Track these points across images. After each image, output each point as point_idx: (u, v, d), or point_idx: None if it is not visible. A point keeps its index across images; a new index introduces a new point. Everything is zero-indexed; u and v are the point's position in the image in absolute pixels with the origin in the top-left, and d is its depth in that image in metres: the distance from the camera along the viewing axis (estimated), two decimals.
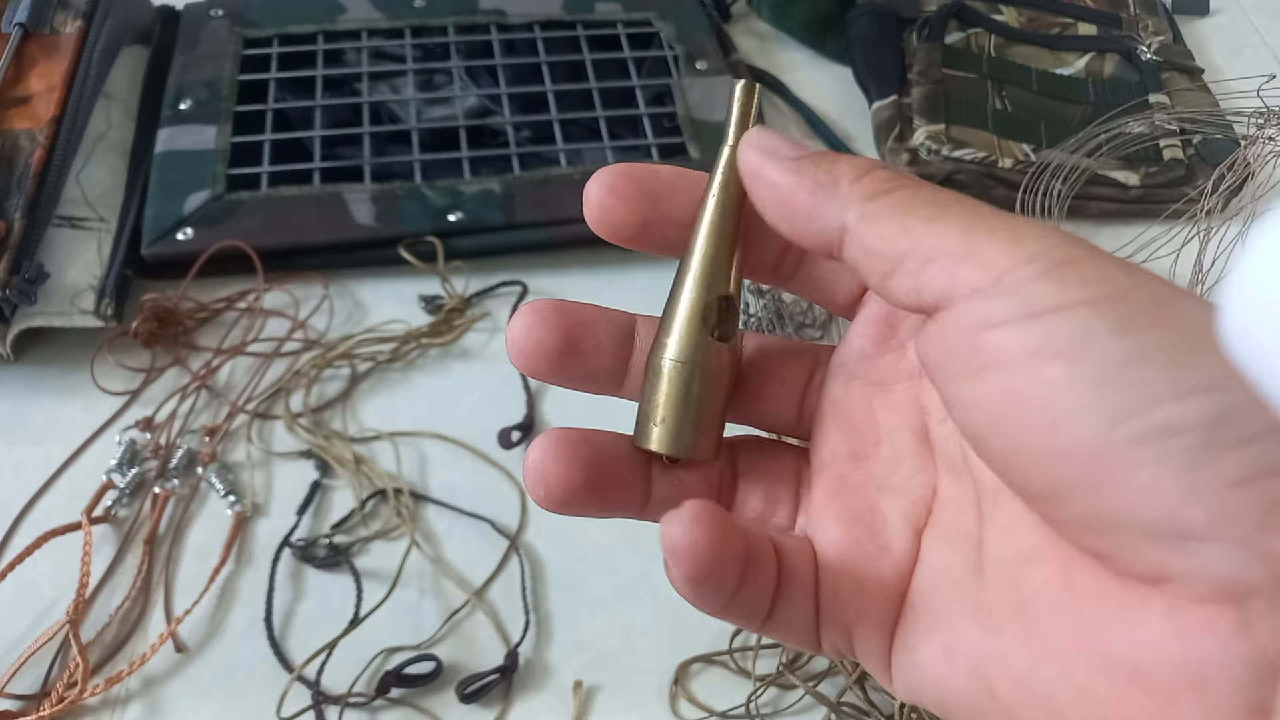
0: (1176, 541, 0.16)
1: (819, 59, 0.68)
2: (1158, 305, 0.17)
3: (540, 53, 0.62)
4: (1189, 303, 0.17)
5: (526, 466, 0.22)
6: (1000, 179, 0.57)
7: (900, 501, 0.21)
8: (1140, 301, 0.16)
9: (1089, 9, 0.69)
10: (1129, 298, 0.17)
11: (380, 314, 0.51)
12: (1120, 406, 0.16)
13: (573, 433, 0.22)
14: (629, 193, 0.22)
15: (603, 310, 0.23)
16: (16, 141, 0.50)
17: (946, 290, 0.18)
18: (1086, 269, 0.17)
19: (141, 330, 0.47)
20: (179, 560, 0.42)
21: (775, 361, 0.24)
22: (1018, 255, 0.17)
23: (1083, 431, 0.16)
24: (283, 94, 0.58)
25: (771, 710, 0.38)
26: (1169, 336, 0.16)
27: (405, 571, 0.41)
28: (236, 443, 0.46)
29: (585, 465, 0.21)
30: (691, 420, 0.21)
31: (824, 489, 0.22)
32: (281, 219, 0.51)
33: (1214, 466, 0.15)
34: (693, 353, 0.21)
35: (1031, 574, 0.19)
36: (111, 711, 0.38)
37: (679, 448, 0.21)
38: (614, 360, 0.23)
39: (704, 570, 0.19)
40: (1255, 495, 0.15)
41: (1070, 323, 0.16)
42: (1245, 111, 0.60)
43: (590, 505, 0.22)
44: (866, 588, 0.21)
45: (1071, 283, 0.17)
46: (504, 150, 0.56)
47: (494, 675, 0.38)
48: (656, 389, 0.22)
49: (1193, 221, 0.54)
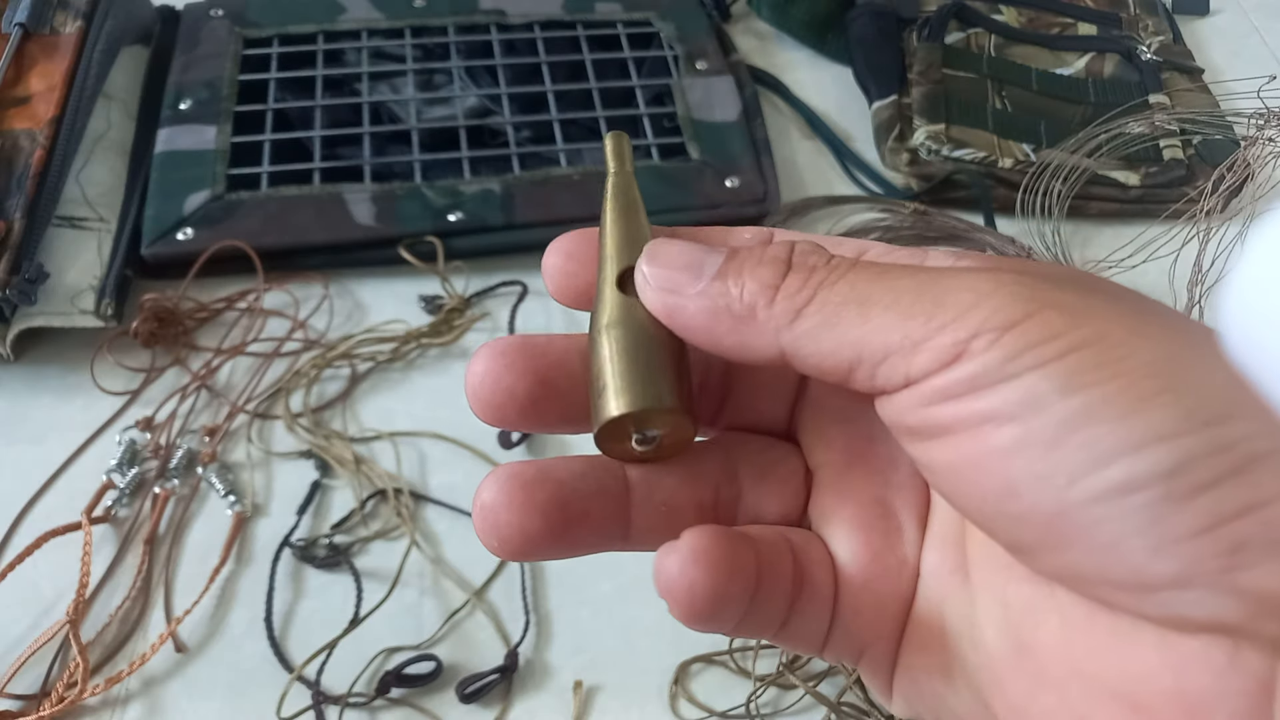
0: (1147, 594, 0.16)
1: (819, 59, 0.68)
2: (1109, 354, 0.16)
3: (540, 53, 0.62)
4: (1146, 341, 0.16)
5: (476, 511, 0.19)
6: (1000, 179, 0.57)
7: (908, 500, 0.20)
8: (1089, 356, 0.16)
9: (1089, 9, 0.69)
10: (1078, 353, 0.16)
11: (380, 314, 0.51)
12: (1073, 468, 0.16)
13: (528, 469, 0.19)
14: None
15: (573, 339, 0.20)
16: (16, 141, 0.50)
17: (902, 379, 0.17)
18: (1034, 329, 0.16)
19: (141, 330, 0.47)
20: (179, 560, 0.42)
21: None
22: (962, 333, 0.17)
23: (1039, 496, 0.16)
24: (283, 94, 0.58)
25: (771, 710, 0.38)
26: (1118, 389, 0.16)
27: (405, 571, 0.41)
28: (236, 443, 0.46)
29: (544, 509, 0.19)
30: (642, 372, 0.19)
31: (830, 488, 0.21)
32: (281, 219, 0.51)
33: (1174, 520, 0.15)
34: (622, 313, 0.20)
35: (1017, 592, 0.18)
36: (111, 711, 0.38)
37: (644, 399, 0.19)
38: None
39: (704, 611, 0.18)
40: (1220, 542, 0.15)
41: (1017, 389, 0.16)
42: (1245, 112, 0.60)
43: (556, 550, 0.19)
44: (889, 607, 0.20)
45: (1018, 348, 0.16)
46: (504, 150, 0.56)
47: (494, 675, 0.38)
48: (599, 359, 0.19)
49: (1192, 222, 0.54)
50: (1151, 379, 0.16)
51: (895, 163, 0.58)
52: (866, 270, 0.18)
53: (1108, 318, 0.16)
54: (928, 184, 0.57)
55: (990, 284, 0.17)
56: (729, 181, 0.55)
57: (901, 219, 0.56)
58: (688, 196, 0.54)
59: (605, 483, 0.20)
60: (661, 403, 0.19)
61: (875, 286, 0.18)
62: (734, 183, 0.55)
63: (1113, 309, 0.17)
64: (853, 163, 0.60)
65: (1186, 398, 0.15)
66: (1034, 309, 0.16)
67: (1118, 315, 0.17)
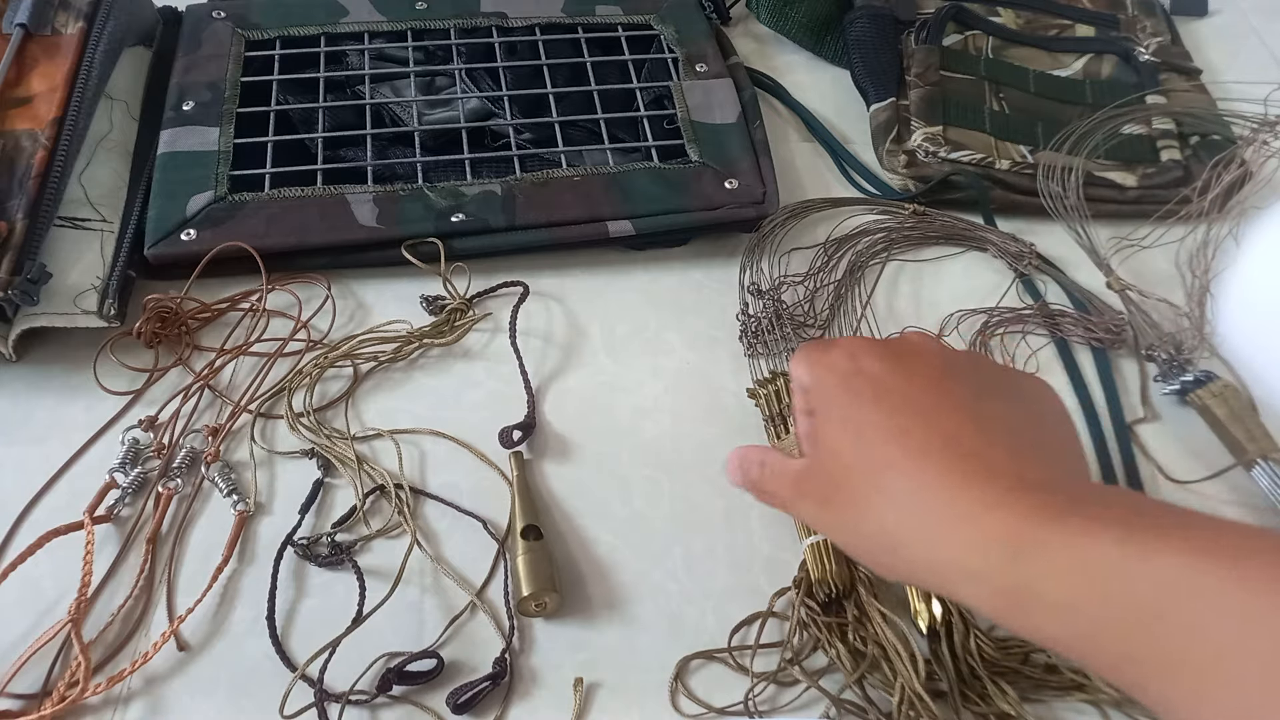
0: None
1: (817, 61, 0.68)
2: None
3: (541, 55, 0.62)
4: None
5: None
6: (997, 180, 0.57)
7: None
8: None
9: (1087, 10, 0.69)
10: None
11: (382, 314, 0.51)
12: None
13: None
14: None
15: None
16: (18, 142, 0.50)
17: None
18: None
19: (144, 330, 0.47)
20: (181, 559, 0.42)
21: None
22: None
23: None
24: (285, 96, 0.59)
25: (770, 707, 0.39)
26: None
27: (406, 569, 0.41)
28: (239, 442, 0.46)
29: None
30: (536, 574, 0.41)
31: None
32: (284, 220, 0.51)
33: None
34: (526, 547, 0.41)
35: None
36: (113, 710, 0.38)
37: (539, 586, 0.40)
38: None
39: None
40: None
41: None
42: (1243, 114, 0.60)
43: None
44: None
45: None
46: (505, 152, 0.57)
47: (485, 684, 0.38)
48: (514, 567, 0.41)
49: (1189, 222, 0.55)
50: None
51: (893, 164, 0.58)
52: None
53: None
54: (925, 185, 0.57)
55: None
56: (728, 183, 0.55)
57: (901, 220, 0.57)
58: (687, 198, 0.54)
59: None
60: (548, 585, 0.40)
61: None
62: (733, 184, 0.55)
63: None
64: (851, 164, 0.60)
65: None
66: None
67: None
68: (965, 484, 0.29)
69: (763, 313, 0.51)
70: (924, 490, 0.30)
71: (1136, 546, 0.25)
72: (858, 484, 0.32)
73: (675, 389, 0.49)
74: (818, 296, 0.53)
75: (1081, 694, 0.38)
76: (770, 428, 0.46)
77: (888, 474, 0.31)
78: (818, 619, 0.40)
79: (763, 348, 0.50)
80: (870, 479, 0.31)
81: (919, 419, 0.32)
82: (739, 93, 0.60)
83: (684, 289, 0.53)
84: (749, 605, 0.41)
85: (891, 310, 0.53)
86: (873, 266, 0.55)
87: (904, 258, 0.56)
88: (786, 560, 0.43)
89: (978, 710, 0.38)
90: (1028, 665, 0.39)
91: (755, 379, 0.48)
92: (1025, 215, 0.57)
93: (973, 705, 0.38)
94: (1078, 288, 0.54)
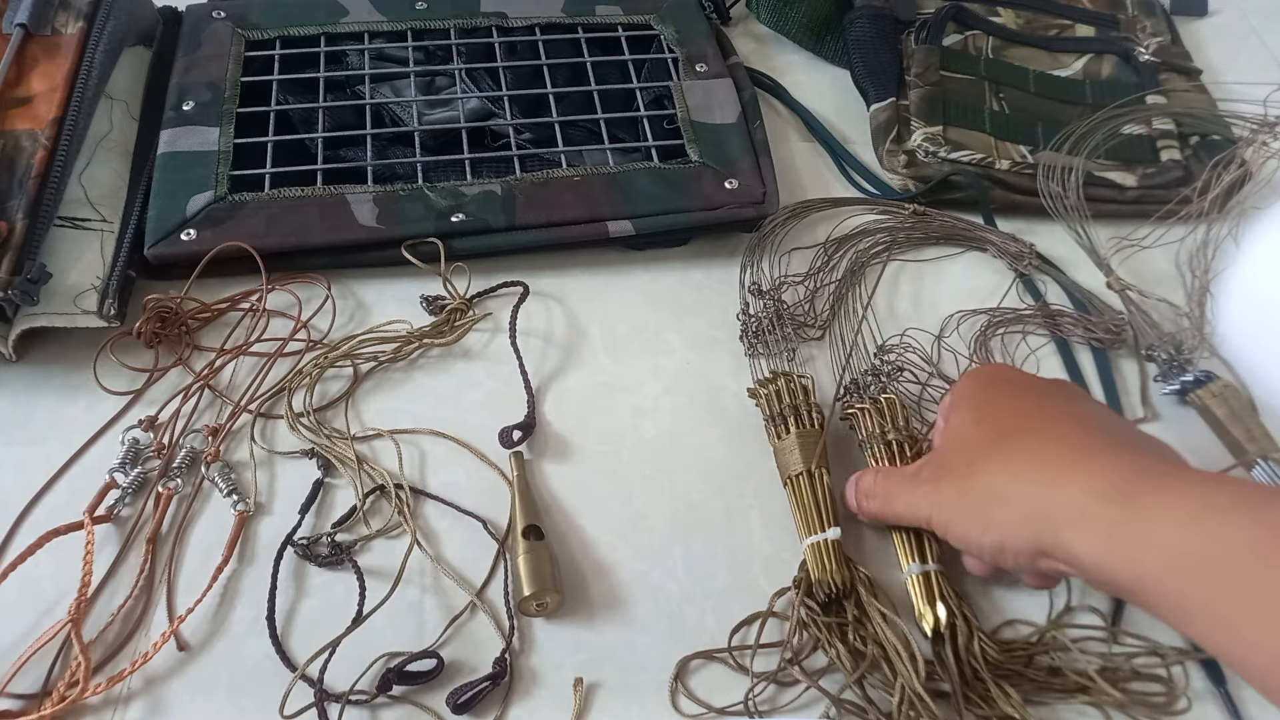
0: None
1: (817, 61, 0.68)
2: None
3: (541, 55, 0.62)
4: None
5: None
6: (997, 180, 0.57)
7: None
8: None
9: (1087, 10, 0.69)
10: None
11: (382, 314, 0.51)
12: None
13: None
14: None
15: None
16: (18, 142, 0.50)
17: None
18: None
19: (144, 330, 0.47)
20: (182, 559, 0.42)
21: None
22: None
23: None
24: (285, 96, 0.59)
25: (770, 707, 0.39)
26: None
27: (406, 569, 0.41)
28: (239, 442, 0.46)
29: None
30: (538, 574, 0.40)
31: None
32: (284, 220, 0.51)
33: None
34: (526, 547, 0.41)
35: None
36: (113, 710, 0.38)
37: (540, 585, 0.40)
38: None
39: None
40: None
41: None
42: (1243, 114, 0.60)
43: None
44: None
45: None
46: (505, 152, 0.57)
47: (485, 684, 0.38)
48: (515, 567, 0.41)
49: (1189, 223, 0.55)
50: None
51: (893, 164, 0.58)
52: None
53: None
54: (925, 185, 0.57)
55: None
56: (728, 183, 0.55)
57: (901, 220, 0.57)
58: (687, 198, 0.54)
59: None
60: (550, 585, 0.40)
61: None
62: (733, 184, 0.55)
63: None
64: (851, 164, 0.60)
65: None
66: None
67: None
68: (1087, 440, 0.36)
69: (763, 313, 0.51)
70: (1047, 445, 0.36)
71: (1250, 507, 0.30)
72: (976, 452, 0.38)
73: (675, 389, 0.49)
74: (818, 296, 0.53)
75: (1085, 696, 0.38)
76: (770, 428, 0.46)
77: (1009, 440, 0.37)
78: (818, 619, 0.40)
79: (763, 348, 0.50)
80: (990, 446, 0.37)
81: (1049, 401, 0.39)
82: (739, 93, 0.60)
83: (684, 289, 0.53)
84: (749, 605, 0.41)
85: (892, 310, 0.53)
86: (873, 266, 0.55)
87: (904, 258, 0.56)
88: (786, 560, 0.43)
89: (981, 712, 0.38)
90: (1031, 668, 0.39)
91: (756, 379, 0.48)
92: (1025, 215, 0.57)
93: (976, 707, 0.38)
94: (1078, 288, 0.54)
